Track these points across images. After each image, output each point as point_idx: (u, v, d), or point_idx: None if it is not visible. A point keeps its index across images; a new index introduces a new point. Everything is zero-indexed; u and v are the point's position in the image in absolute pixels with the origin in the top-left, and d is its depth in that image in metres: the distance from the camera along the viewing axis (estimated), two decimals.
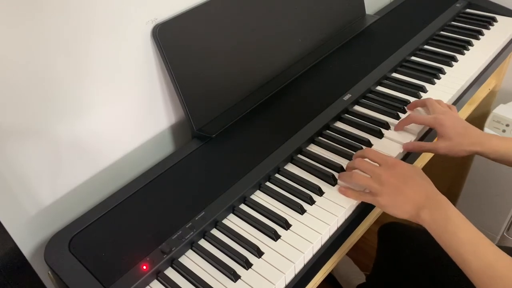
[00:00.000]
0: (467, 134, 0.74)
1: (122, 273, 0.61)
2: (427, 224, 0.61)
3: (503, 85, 1.26)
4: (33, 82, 0.63)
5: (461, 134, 0.74)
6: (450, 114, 0.77)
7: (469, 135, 0.74)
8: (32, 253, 0.71)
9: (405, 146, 0.79)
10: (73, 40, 0.65)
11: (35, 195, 0.69)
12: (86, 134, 0.73)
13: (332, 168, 0.75)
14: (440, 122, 0.75)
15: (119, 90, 0.75)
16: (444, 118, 0.76)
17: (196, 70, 0.81)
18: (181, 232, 0.65)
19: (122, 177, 0.81)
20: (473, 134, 0.74)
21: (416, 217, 0.62)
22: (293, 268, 0.62)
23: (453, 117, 0.76)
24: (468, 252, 0.57)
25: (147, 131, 0.84)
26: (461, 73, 0.96)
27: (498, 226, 1.25)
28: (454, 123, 0.75)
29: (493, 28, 1.12)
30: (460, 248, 0.58)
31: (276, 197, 0.72)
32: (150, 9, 0.74)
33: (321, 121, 0.84)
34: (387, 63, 0.99)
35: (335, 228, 0.68)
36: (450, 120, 0.75)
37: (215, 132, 0.82)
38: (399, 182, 0.65)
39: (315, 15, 1.02)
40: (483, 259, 0.56)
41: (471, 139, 0.73)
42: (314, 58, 1.00)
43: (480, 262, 0.56)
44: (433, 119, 0.76)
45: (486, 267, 0.55)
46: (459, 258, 0.58)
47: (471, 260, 0.56)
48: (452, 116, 0.77)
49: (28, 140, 0.65)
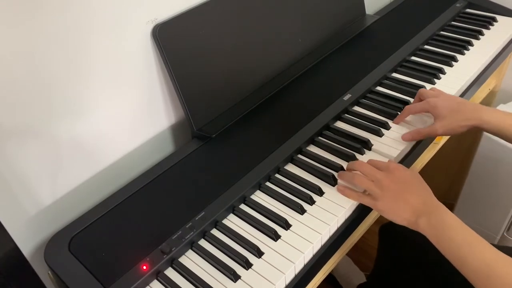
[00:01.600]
0: (461, 110, 0.74)
1: (122, 273, 0.61)
2: (425, 231, 0.62)
3: (503, 85, 1.26)
4: (33, 82, 0.63)
5: (455, 110, 0.74)
6: (442, 95, 0.78)
7: (464, 109, 0.74)
8: (32, 253, 0.71)
9: (403, 137, 0.79)
10: (73, 40, 0.65)
11: (35, 195, 0.69)
12: (86, 134, 0.73)
13: (332, 168, 0.75)
14: (433, 103, 0.76)
15: (119, 90, 0.75)
16: (436, 100, 0.77)
17: (196, 70, 0.81)
18: (181, 232, 0.65)
19: (122, 177, 0.81)
20: (468, 108, 0.75)
21: (415, 224, 0.63)
22: (293, 268, 0.62)
23: (446, 96, 0.77)
24: (466, 253, 0.57)
25: (147, 131, 0.84)
26: (461, 73, 0.96)
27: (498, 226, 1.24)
28: (446, 101, 0.76)
29: (493, 28, 1.12)
30: (458, 250, 0.58)
31: (276, 197, 0.72)
32: (150, 9, 0.74)
33: (321, 121, 0.84)
34: (387, 63, 0.99)
35: (335, 228, 0.68)
36: (443, 100, 0.76)
37: (215, 132, 0.82)
38: (399, 188, 0.65)
39: (315, 15, 1.02)
40: (481, 259, 0.56)
41: (466, 113, 0.74)
42: (314, 58, 1.00)
43: (478, 262, 0.56)
44: (426, 103, 0.78)
45: (484, 267, 0.56)
46: (458, 260, 0.58)
47: (469, 261, 0.57)
48: (445, 96, 0.78)
49: (28, 140, 0.65)
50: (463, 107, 0.75)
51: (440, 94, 0.79)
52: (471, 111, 0.74)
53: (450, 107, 0.75)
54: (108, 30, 0.69)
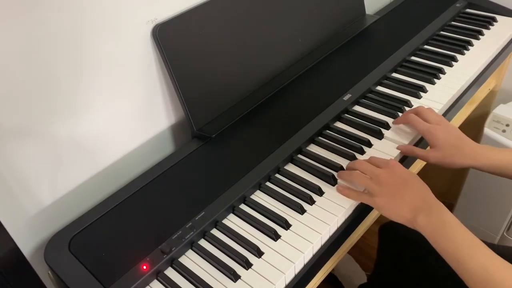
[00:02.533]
0: (459, 147, 0.72)
1: (122, 273, 0.61)
2: (423, 229, 0.61)
3: (503, 85, 1.26)
4: (33, 82, 0.63)
5: (453, 145, 0.72)
6: (444, 124, 0.76)
7: (462, 147, 0.72)
8: (32, 253, 0.71)
9: (399, 147, 0.78)
10: (73, 40, 0.65)
11: (35, 195, 0.69)
12: (86, 134, 0.73)
13: (332, 168, 0.75)
14: (433, 131, 0.74)
15: (119, 90, 0.75)
16: (437, 129, 0.74)
17: (196, 70, 0.81)
18: (181, 232, 0.65)
19: (122, 177, 0.81)
20: (466, 147, 0.72)
21: (413, 222, 0.62)
22: (293, 268, 0.62)
23: (446, 128, 0.75)
24: (464, 255, 0.57)
25: (147, 131, 0.84)
26: (461, 73, 0.96)
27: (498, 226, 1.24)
28: (446, 134, 0.74)
29: (493, 28, 1.12)
30: (456, 251, 0.58)
31: (276, 197, 0.72)
32: (150, 9, 0.74)
33: (321, 121, 0.84)
34: (387, 63, 0.99)
35: (335, 228, 0.68)
36: (443, 131, 0.74)
37: (215, 132, 0.82)
38: (398, 184, 0.65)
39: (315, 15, 1.02)
40: (478, 262, 0.56)
41: (463, 152, 0.72)
42: (314, 58, 1.00)
43: (475, 264, 0.56)
44: (426, 130, 0.75)
45: (481, 269, 0.56)
46: (455, 262, 0.58)
47: (466, 263, 0.57)
48: (446, 126, 0.75)
49: (28, 140, 0.65)
50: (461, 144, 0.72)
51: (441, 122, 0.76)
52: (469, 152, 0.72)
53: (448, 141, 0.73)
54: (108, 30, 0.69)
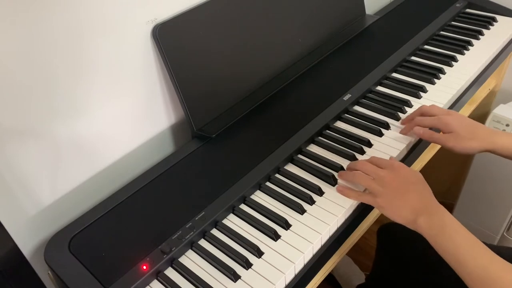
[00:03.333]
0: (475, 131, 0.73)
1: (122, 273, 0.61)
2: (424, 230, 0.62)
3: (503, 85, 1.26)
4: (33, 82, 0.63)
5: (468, 130, 0.73)
6: (453, 113, 0.77)
7: (478, 131, 0.73)
8: (32, 253, 0.71)
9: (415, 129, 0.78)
10: (73, 40, 0.65)
11: (35, 195, 0.69)
12: (86, 134, 0.73)
13: (332, 168, 0.75)
14: (445, 121, 0.75)
15: (118, 90, 0.75)
16: (448, 117, 0.75)
17: (196, 70, 0.81)
18: (181, 232, 0.65)
19: (122, 177, 0.81)
20: (482, 130, 0.74)
21: (413, 223, 0.63)
22: (293, 268, 0.62)
23: (458, 115, 0.76)
24: (464, 255, 0.58)
25: (147, 131, 0.84)
26: (461, 73, 0.96)
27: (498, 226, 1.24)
28: (459, 121, 0.75)
29: (493, 28, 1.12)
30: (456, 251, 0.58)
31: (276, 197, 0.72)
32: (150, 9, 0.74)
33: (321, 121, 0.84)
34: (387, 63, 0.99)
35: (335, 228, 0.68)
36: (456, 119, 0.75)
37: (215, 132, 0.82)
38: (401, 186, 0.65)
39: (315, 15, 1.02)
40: (478, 262, 0.57)
41: (480, 135, 0.73)
42: (314, 58, 1.00)
43: (475, 264, 0.57)
44: (437, 119, 0.76)
45: (481, 269, 0.56)
46: (455, 262, 0.58)
47: (466, 263, 0.57)
48: (456, 114, 0.76)
49: (28, 140, 0.65)
50: (476, 128, 0.74)
51: (450, 112, 0.77)
52: (486, 134, 0.73)
53: (463, 126, 0.73)
54: (108, 30, 0.69)
